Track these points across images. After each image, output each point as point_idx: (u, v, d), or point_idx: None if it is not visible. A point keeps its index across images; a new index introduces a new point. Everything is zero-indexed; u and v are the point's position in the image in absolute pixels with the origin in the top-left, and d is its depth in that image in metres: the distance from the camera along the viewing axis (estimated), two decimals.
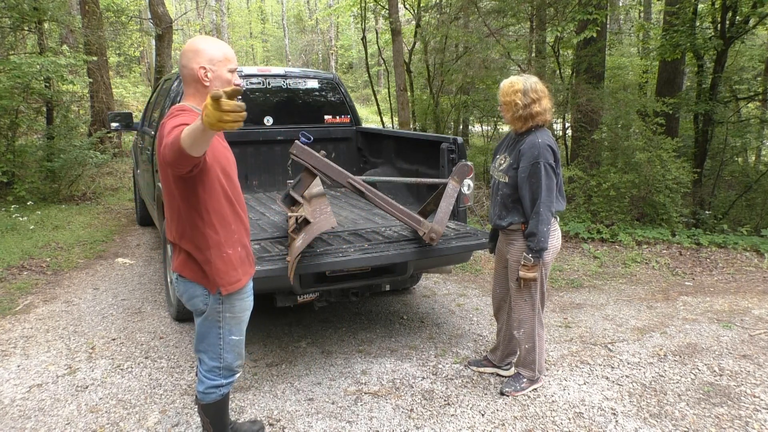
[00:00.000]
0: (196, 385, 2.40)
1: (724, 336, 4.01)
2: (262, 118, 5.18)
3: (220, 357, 2.32)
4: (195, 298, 2.24)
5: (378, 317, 4.34)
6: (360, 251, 3.22)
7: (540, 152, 2.88)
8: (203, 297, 2.23)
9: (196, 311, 2.28)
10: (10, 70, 7.49)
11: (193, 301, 2.25)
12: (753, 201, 8.21)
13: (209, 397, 2.37)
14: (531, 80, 2.99)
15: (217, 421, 2.46)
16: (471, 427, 2.89)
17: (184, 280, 2.24)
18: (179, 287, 2.28)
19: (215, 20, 29.27)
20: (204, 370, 2.35)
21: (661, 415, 3.00)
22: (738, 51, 8.70)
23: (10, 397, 3.16)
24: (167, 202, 2.20)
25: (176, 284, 2.29)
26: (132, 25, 16.02)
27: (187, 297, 2.26)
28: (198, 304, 2.24)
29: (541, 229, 2.89)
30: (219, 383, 2.36)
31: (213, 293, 2.21)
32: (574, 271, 5.56)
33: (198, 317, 2.30)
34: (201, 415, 2.46)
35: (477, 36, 9.34)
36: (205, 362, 2.34)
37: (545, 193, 2.88)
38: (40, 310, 4.43)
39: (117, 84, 16.66)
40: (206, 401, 2.38)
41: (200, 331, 2.30)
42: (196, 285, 2.22)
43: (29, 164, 8.73)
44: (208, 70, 2.12)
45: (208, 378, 2.35)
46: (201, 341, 2.32)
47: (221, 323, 2.27)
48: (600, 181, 6.81)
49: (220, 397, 2.40)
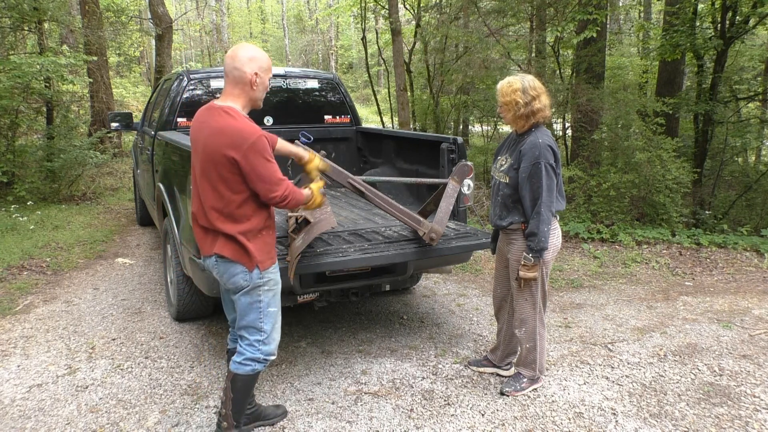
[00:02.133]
0: (233, 359, 2.59)
1: (724, 336, 4.01)
2: (262, 118, 5.18)
3: (261, 330, 2.55)
4: (236, 275, 2.47)
5: (378, 317, 4.34)
6: (360, 251, 3.22)
7: (541, 152, 2.88)
8: (243, 274, 2.46)
9: (236, 288, 2.50)
10: (10, 70, 7.49)
11: (234, 278, 2.47)
12: (753, 201, 8.21)
13: (244, 368, 2.56)
14: (528, 78, 3.01)
15: (240, 398, 2.62)
16: (471, 427, 2.89)
17: (225, 260, 2.46)
18: (219, 267, 2.49)
19: (215, 20, 29.24)
20: (245, 345, 2.57)
21: (661, 415, 3.00)
22: (738, 51, 8.69)
23: (10, 397, 3.16)
24: (203, 194, 2.44)
25: (216, 265, 2.50)
26: (132, 25, 16.03)
27: (228, 276, 2.48)
28: (239, 281, 2.47)
29: (541, 229, 2.89)
30: (257, 357, 2.56)
31: (251, 270, 2.46)
32: (574, 271, 5.56)
33: (237, 295, 2.52)
34: (226, 391, 2.60)
35: (477, 36, 9.34)
36: (246, 337, 2.57)
37: (546, 193, 2.88)
38: (40, 310, 4.43)
39: (117, 84, 16.66)
40: (240, 371, 2.56)
41: (242, 308, 2.54)
42: (236, 264, 2.45)
43: (29, 164, 8.73)
44: (259, 76, 2.41)
45: (248, 350, 2.57)
46: (243, 317, 2.55)
47: (261, 297, 2.52)
48: (600, 181, 6.81)
49: (253, 372, 2.58)
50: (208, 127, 2.41)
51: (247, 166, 2.32)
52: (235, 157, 2.30)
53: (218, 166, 2.35)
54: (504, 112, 3.05)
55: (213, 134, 2.37)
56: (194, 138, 2.50)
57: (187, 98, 4.88)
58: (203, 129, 2.43)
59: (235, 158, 2.30)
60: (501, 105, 3.04)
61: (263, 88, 2.47)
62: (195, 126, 2.51)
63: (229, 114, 2.37)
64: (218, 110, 2.40)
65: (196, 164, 2.48)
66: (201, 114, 2.50)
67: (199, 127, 2.47)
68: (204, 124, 2.44)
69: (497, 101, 3.09)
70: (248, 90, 2.43)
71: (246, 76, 2.39)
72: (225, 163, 2.33)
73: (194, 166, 2.51)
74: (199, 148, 2.45)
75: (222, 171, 2.35)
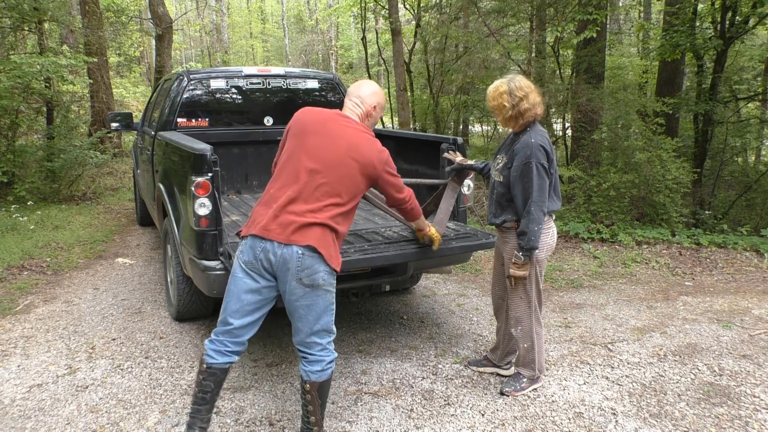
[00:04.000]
0: (309, 367, 2.50)
1: (724, 336, 4.01)
2: (263, 119, 5.18)
3: (332, 330, 2.55)
4: (317, 273, 2.40)
5: (378, 317, 4.34)
6: (360, 252, 3.22)
7: (532, 152, 2.90)
8: (324, 273, 2.41)
9: (314, 285, 2.41)
10: (10, 70, 7.49)
11: (315, 276, 2.40)
12: (753, 201, 8.21)
13: (326, 373, 2.53)
14: (516, 79, 3.04)
15: (325, 402, 2.61)
16: (471, 427, 2.89)
17: (314, 255, 2.38)
18: (305, 261, 2.37)
19: (215, 20, 29.24)
20: (318, 350, 2.51)
21: (661, 415, 3.00)
22: (738, 51, 8.70)
23: (10, 397, 3.16)
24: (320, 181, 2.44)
25: (302, 259, 2.37)
26: (132, 25, 16.02)
27: (312, 271, 2.39)
28: (318, 279, 2.41)
29: (531, 229, 2.90)
30: (333, 358, 2.56)
31: (332, 269, 2.45)
32: (574, 271, 5.56)
33: (312, 296, 2.43)
34: (312, 400, 2.53)
35: (477, 36, 9.35)
36: (319, 342, 2.51)
37: (537, 192, 2.89)
38: (40, 310, 4.44)
39: (117, 84, 16.67)
40: (323, 378, 2.52)
41: (319, 309, 2.46)
42: (322, 261, 2.39)
43: (29, 164, 8.72)
44: (376, 110, 2.67)
45: (326, 355, 2.52)
46: (318, 321, 2.47)
47: (332, 297, 2.51)
48: (600, 181, 6.81)
49: (332, 373, 2.57)
50: (346, 127, 2.53)
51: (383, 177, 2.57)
52: (375, 164, 2.50)
53: (364, 165, 2.47)
54: (495, 115, 3.13)
55: (357, 133, 2.53)
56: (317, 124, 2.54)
57: (187, 98, 4.89)
58: (336, 126, 2.53)
59: (376, 165, 2.50)
60: (491, 109, 3.12)
61: (373, 122, 2.72)
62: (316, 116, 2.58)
63: (367, 130, 2.60)
64: (355, 122, 2.59)
65: (321, 150, 2.46)
66: (326, 114, 2.59)
67: (328, 119, 2.56)
68: (337, 122, 2.55)
69: (488, 106, 3.16)
70: (365, 118, 2.66)
71: (367, 106, 2.65)
72: (371, 165, 2.49)
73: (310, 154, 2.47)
74: (335, 140, 2.48)
75: (366, 171, 2.48)
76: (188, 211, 3.32)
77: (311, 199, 2.39)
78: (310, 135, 2.49)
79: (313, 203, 2.39)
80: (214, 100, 5.05)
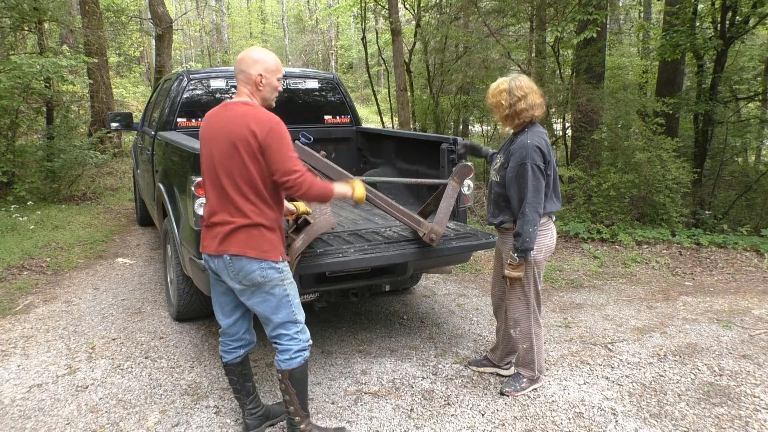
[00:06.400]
0: (279, 356, 2.60)
1: (724, 336, 4.01)
2: None
3: (296, 320, 2.59)
4: (252, 273, 2.45)
5: (378, 317, 4.34)
6: (360, 252, 3.22)
7: (528, 153, 2.89)
8: (259, 271, 2.45)
9: (255, 284, 2.48)
10: (10, 70, 7.49)
11: (251, 276, 2.46)
12: (753, 201, 8.21)
13: (295, 361, 2.58)
14: (519, 79, 3.03)
15: (302, 389, 2.65)
16: (471, 427, 2.89)
17: (241, 258, 2.44)
18: (235, 266, 2.46)
19: (215, 20, 29.25)
20: (286, 341, 2.59)
21: (661, 415, 3.00)
22: (738, 51, 8.69)
23: (10, 397, 3.16)
24: (227, 182, 2.43)
25: (231, 264, 2.46)
26: (132, 25, 16.03)
27: (246, 273, 2.45)
28: (256, 278, 2.46)
29: (526, 230, 2.90)
30: (303, 346, 2.60)
31: (277, 261, 2.48)
32: (574, 271, 5.56)
33: (259, 294, 2.51)
34: (286, 389, 2.61)
35: (477, 36, 9.34)
36: (286, 333, 2.58)
37: (532, 193, 2.89)
38: (40, 310, 4.44)
39: (117, 84, 16.66)
40: (293, 366, 2.57)
41: (273, 304, 2.53)
42: (252, 261, 2.44)
43: (29, 164, 8.73)
44: (264, 77, 2.48)
45: (294, 343, 2.59)
46: (277, 313, 2.54)
47: (286, 287, 2.54)
48: (600, 181, 6.81)
49: (304, 361, 2.61)
50: (226, 116, 2.45)
51: (266, 142, 2.36)
52: (256, 132, 2.35)
53: (244, 144, 2.37)
54: (493, 113, 3.13)
55: (234, 117, 2.41)
56: (209, 132, 2.50)
57: (187, 98, 4.88)
58: (219, 121, 2.46)
59: (257, 133, 2.35)
60: (489, 106, 3.11)
61: (271, 88, 2.53)
62: (209, 121, 2.52)
63: (248, 104, 2.46)
64: (236, 103, 2.48)
65: (214, 155, 2.45)
66: (215, 111, 2.53)
67: (214, 120, 2.49)
68: (220, 116, 2.48)
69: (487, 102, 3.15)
70: (255, 90, 2.50)
71: (251, 78, 2.48)
72: (251, 140, 2.36)
73: (210, 162, 2.48)
74: (218, 137, 2.43)
75: (249, 149, 2.37)
76: (188, 211, 3.32)
77: (225, 204, 2.45)
78: (203, 143, 2.55)
79: (228, 207, 2.45)
80: (214, 100, 5.05)
